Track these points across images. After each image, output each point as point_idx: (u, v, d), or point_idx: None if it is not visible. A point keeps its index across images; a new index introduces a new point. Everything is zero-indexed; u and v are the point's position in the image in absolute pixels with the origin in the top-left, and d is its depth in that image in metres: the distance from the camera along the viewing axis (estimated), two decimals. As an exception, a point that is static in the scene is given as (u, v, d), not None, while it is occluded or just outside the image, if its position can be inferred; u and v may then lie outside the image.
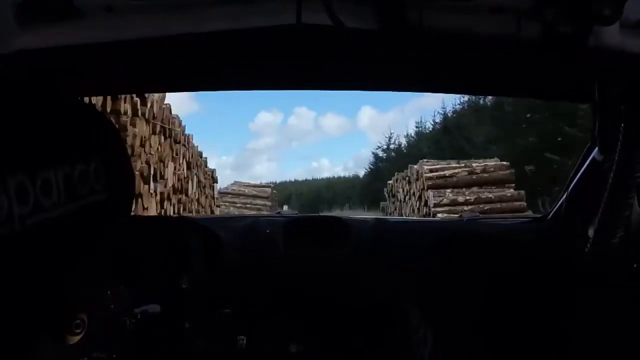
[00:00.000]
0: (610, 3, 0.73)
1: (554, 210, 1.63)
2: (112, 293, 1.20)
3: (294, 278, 1.51)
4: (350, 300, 1.48)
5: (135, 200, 4.73)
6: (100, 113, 1.01)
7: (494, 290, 1.39)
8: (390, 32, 0.84)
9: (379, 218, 1.87)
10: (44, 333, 0.99)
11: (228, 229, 1.60)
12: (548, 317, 1.31)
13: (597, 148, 1.30)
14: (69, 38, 0.86)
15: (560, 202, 1.59)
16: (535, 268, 1.41)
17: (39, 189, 0.81)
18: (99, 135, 1.06)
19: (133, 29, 0.85)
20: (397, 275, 1.48)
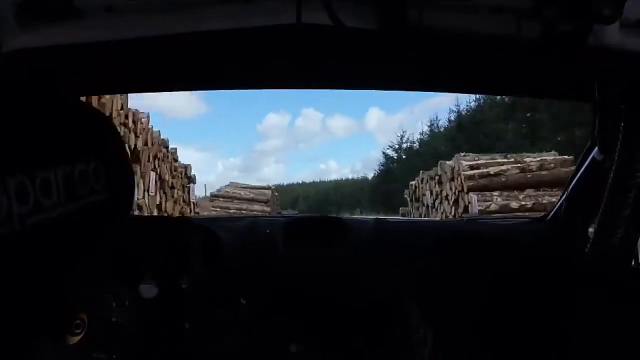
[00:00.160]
0: (610, 3, 0.74)
1: (554, 210, 1.63)
2: (112, 293, 1.20)
3: (294, 278, 1.51)
4: (350, 300, 1.48)
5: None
6: (100, 113, 1.01)
7: (494, 291, 1.39)
8: (390, 32, 0.84)
9: (379, 218, 1.87)
10: (44, 333, 0.99)
11: (228, 229, 1.60)
12: (548, 317, 1.31)
13: (597, 148, 1.30)
14: (69, 38, 0.86)
15: (560, 202, 1.59)
16: (536, 268, 1.40)
17: (39, 189, 0.81)
18: (99, 135, 1.06)
19: (133, 29, 0.85)
20: (397, 275, 1.48)
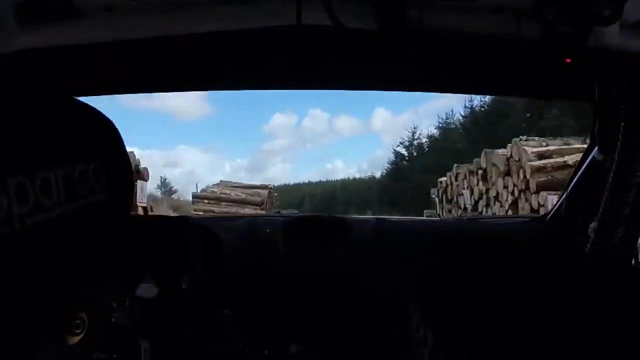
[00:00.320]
0: (610, 3, 0.74)
1: (554, 210, 1.64)
2: (112, 293, 1.20)
3: (294, 278, 1.51)
4: (350, 300, 1.48)
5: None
6: (100, 113, 1.01)
7: (495, 290, 1.39)
8: (390, 32, 0.85)
9: (379, 218, 1.87)
10: (44, 333, 0.99)
11: (228, 229, 1.60)
12: (548, 316, 1.31)
13: (597, 147, 1.30)
14: (69, 38, 0.86)
15: (560, 201, 1.59)
16: (536, 267, 1.41)
17: (39, 189, 0.81)
18: (99, 135, 1.05)
19: (133, 29, 0.85)
20: (397, 275, 1.48)
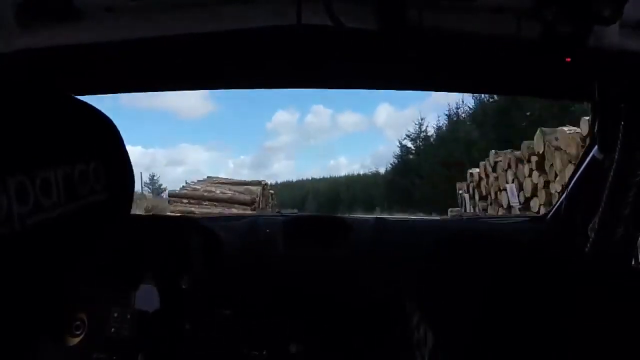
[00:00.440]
0: (610, 3, 0.74)
1: (554, 209, 1.64)
2: (112, 293, 1.20)
3: (294, 278, 1.51)
4: (350, 300, 1.48)
5: None
6: (100, 113, 1.01)
7: (495, 290, 1.39)
8: (390, 32, 0.84)
9: (379, 217, 1.87)
10: (44, 333, 0.99)
11: (228, 229, 1.60)
12: (548, 316, 1.31)
13: (596, 147, 1.30)
14: (69, 38, 0.86)
15: (560, 201, 1.59)
16: (536, 267, 1.41)
17: (39, 189, 0.81)
18: (99, 135, 1.05)
19: (133, 29, 0.85)
20: (397, 275, 1.48)
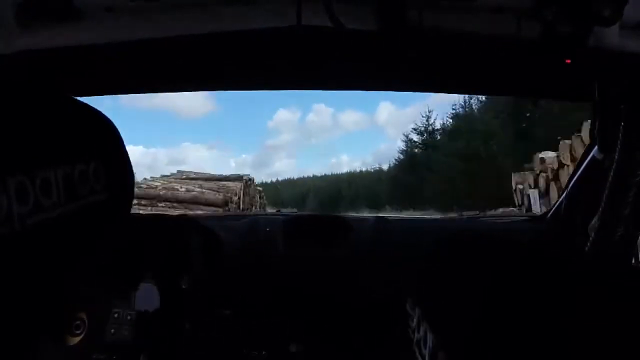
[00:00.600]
0: (610, 4, 0.73)
1: (554, 209, 1.64)
2: (112, 293, 1.19)
3: (294, 278, 1.51)
4: (350, 300, 1.48)
5: None
6: (100, 113, 1.01)
7: (495, 289, 1.39)
8: (390, 32, 0.84)
9: (379, 217, 1.87)
10: (44, 333, 0.99)
11: (228, 229, 1.60)
12: (548, 316, 1.31)
13: (596, 147, 1.30)
14: (69, 38, 0.86)
15: (560, 200, 1.59)
16: (536, 267, 1.41)
17: (39, 189, 0.81)
18: (99, 135, 1.05)
19: (133, 30, 0.85)
20: (397, 275, 1.48)
